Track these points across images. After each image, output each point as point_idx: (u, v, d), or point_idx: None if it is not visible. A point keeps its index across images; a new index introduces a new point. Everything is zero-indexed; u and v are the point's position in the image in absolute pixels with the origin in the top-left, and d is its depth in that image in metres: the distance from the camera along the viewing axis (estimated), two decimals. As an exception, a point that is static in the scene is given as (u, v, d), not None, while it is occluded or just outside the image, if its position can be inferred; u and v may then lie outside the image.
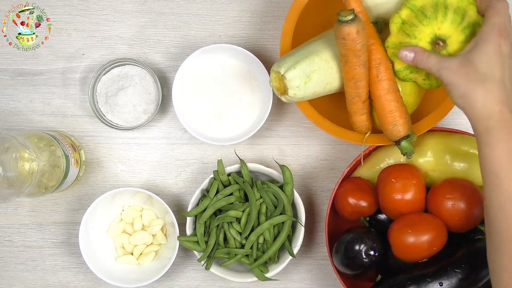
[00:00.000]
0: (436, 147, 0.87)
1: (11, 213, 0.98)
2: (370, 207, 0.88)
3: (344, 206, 0.88)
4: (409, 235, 0.82)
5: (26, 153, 0.82)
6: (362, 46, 0.74)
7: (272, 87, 0.80)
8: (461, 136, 0.87)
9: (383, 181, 0.86)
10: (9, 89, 0.98)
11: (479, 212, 0.82)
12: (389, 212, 0.86)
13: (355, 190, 0.87)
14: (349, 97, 0.81)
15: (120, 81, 0.95)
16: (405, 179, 0.84)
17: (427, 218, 0.83)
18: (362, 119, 0.83)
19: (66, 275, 0.99)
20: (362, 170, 0.91)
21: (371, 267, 0.86)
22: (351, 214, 0.88)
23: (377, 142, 0.85)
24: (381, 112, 0.80)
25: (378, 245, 0.85)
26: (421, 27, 0.74)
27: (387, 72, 0.79)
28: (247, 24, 0.98)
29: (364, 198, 0.87)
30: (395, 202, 0.84)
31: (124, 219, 0.96)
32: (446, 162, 0.87)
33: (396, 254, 0.84)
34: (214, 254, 0.92)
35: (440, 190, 0.84)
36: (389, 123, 0.79)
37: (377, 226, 0.90)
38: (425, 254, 0.83)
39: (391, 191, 0.84)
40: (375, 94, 0.79)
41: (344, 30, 0.72)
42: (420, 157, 0.87)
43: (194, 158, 0.98)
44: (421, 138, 0.87)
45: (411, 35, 0.75)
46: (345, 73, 0.78)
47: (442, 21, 0.73)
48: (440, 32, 0.74)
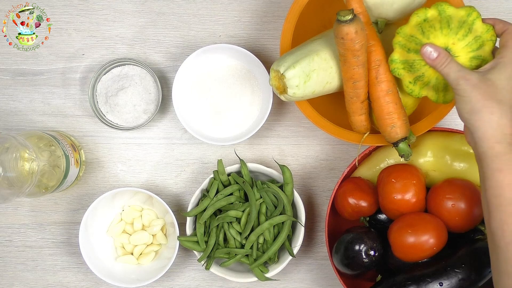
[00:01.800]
0: (436, 147, 0.87)
1: (11, 213, 0.98)
2: (370, 207, 0.88)
3: (344, 206, 0.88)
4: (409, 235, 0.82)
5: (26, 153, 0.82)
6: (361, 46, 0.74)
7: (272, 86, 0.81)
8: (461, 136, 0.87)
9: (383, 181, 0.86)
10: (9, 89, 0.98)
11: (479, 212, 0.83)
12: (389, 212, 0.86)
13: (355, 190, 0.87)
14: (347, 97, 0.81)
15: (120, 81, 0.95)
16: (405, 179, 0.84)
17: (427, 218, 0.83)
18: (360, 119, 0.83)
19: (66, 275, 0.99)
20: (362, 170, 0.91)
21: (371, 267, 0.86)
22: (351, 214, 0.88)
23: (375, 143, 0.86)
24: (380, 114, 0.80)
25: (378, 245, 0.85)
26: (439, 33, 0.74)
27: (386, 74, 0.79)
28: (247, 24, 0.98)
29: (364, 198, 0.87)
30: (395, 202, 0.84)
31: (124, 219, 0.96)
32: (446, 162, 0.87)
33: (396, 254, 0.84)
34: (214, 254, 0.92)
35: (440, 190, 0.84)
36: (387, 125, 0.80)
37: (377, 226, 0.90)
38: (425, 254, 0.83)
39: (391, 191, 0.84)
40: (373, 95, 0.79)
41: (343, 30, 0.72)
42: (420, 157, 0.87)
43: (194, 158, 0.98)
44: (421, 138, 0.87)
45: (425, 35, 0.74)
46: (344, 73, 0.78)
47: (460, 40, 0.73)
48: (453, 47, 0.74)
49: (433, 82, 0.77)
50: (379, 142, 0.85)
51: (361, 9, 0.77)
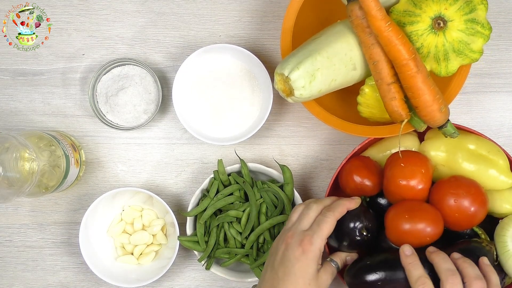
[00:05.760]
0: (450, 144, 0.87)
1: (11, 213, 0.98)
2: (373, 188, 0.87)
3: (348, 181, 0.88)
4: (405, 220, 0.81)
5: (26, 153, 0.82)
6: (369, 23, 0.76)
7: (278, 89, 0.80)
8: (476, 137, 0.87)
9: (392, 164, 0.85)
10: (9, 89, 0.98)
11: (479, 213, 0.82)
12: (391, 196, 0.86)
13: (362, 168, 0.87)
14: (376, 82, 0.81)
15: (120, 81, 0.95)
16: (414, 166, 0.83)
17: (426, 208, 0.83)
18: (392, 104, 0.80)
19: (66, 275, 0.99)
20: (372, 152, 0.91)
21: (361, 247, 0.85)
22: (354, 190, 0.88)
23: (404, 130, 0.84)
24: (427, 98, 0.78)
25: (373, 226, 0.85)
26: (430, 2, 0.76)
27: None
28: (247, 24, 0.98)
29: (370, 177, 0.87)
30: (399, 187, 0.83)
31: (124, 219, 0.96)
32: (457, 160, 0.86)
33: (389, 237, 0.84)
34: (214, 254, 0.92)
35: (446, 185, 0.84)
36: (436, 110, 0.78)
37: (375, 208, 0.89)
38: (417, 242, 0.82)
39: (397, 175, 0.84)
40: (414, 78, 0.78)
41: (348, 9, 0.76)
42: (433, 150, 0.87)
43: (194, 158, 0.99)
44: (438, 132, 0.87)
45: (417, 6, 0.77)
46: (366, 56, 0.80)
47: (451, 4, 0.76)
48: (446, 12, 0.76)
49: (433, 51, 0.78)
50: (407, 129, 0.84)
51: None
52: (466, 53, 0.78)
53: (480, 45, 0.78)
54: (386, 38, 0.76)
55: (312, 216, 0.80)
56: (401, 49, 0.76)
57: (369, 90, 0.83)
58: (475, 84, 0.98)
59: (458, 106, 0.98)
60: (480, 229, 0.85)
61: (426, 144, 0.88)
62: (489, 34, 0.78)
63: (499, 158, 0.86)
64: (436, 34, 0.77)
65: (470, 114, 0.98)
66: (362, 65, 0.81)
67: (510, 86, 0.98)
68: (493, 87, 0.98)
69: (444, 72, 0.80)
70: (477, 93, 0.98)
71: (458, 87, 0.83)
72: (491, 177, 0.85)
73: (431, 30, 0.77)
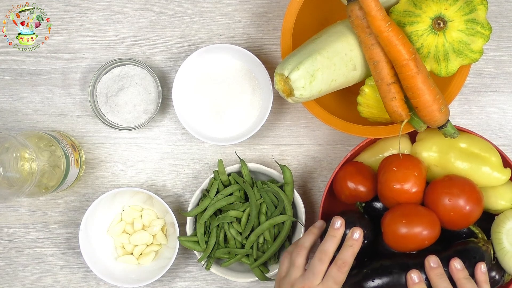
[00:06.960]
0: (442, 143, 0.87)
1: (11, 213, 0.98)
2: (368, 193, 0.87)
3: (342, 188, 0.88)
4: (402, 225, 0.81)
5: (26, 153, 0.82)
6: (369, 24, 0.76)
7: (278, 89, 0.80)
8: (468, 136, 0.87)
9: (384, 168, 0.85)
10: (9, 89, 0.98)
11: (475, 211, 0.82)
12: (386, 200, 0.86)
13: (355, 174, 0.87)
14: (376, 82, 0.81)
15: (120, 81, 0.95)
16: (407, 169, 0.84)
17: (422, 211, 0.83)
18: (392, 105, 0.80)
19: (66, 275, 0.99)
20: (364, 156, 0.91)
21: (359, 253, 0.85)
22: (348, 197, 0.88)
23: (389, 134, 0.84)
24: (427, 98, 0.78)
25: (369, 232, 0.85)
26: (430, 2, 0.77)
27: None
28: (247, 24, 0.98)
29: (363, 183, 0.87)
30: (393, 191, 0.84)
31: (124, 219, 0.96)
32: (450, 160, 0.86)
33: (387, 242, 0.84)
34: (214, 254, 0.92)
35: (440, 185, 0.84)
36: (436, 110, 0.78)
37: (371, 213, 0.89)
38: (415, 246, 0.82)
39: (391, 179, 0.84)
40: (415, 78, 0.78)
41: (348, 9, 0.76)
42: (425, 151, 0.87)
43: (194, 158, 0.99)
44: (429, 133, 0.87)
45: (417, 6, 0.77)
46: (366, 56, 0.80)
47: (451, 4, 0.76)
48: (446, 12, 0.76)
49: (433, 51, 0.78)
50: (407, 129, 0.84)
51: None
52: (466, 53, 0.78)
53: (480, 45, 0.78)
54: (386, 38, 0.76)
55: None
56: (401, 50, 0.76)
57: (369, 90, 0.83)
58: (475, 84, 0.98)
59: (458, 106, 0.98)
60: (477, 227, 0.85)
61: (418, 145, 0.88)
62: (489, 34, 0.78)
63: (491, 155, 0.86)
64: (436, 34, 0.77)
65: (470, 114, 0.99)
66: (362, 65, 0.81)
67: (510, 86, 0.98)
68: (493, 87, 0.98)
69: (444, 72, 0.80)
70: (477, 93, 0.98)
71: (458, 87, 0.83)
72: (485, 175, 0.85)
73: (431, 31, 0.77)
